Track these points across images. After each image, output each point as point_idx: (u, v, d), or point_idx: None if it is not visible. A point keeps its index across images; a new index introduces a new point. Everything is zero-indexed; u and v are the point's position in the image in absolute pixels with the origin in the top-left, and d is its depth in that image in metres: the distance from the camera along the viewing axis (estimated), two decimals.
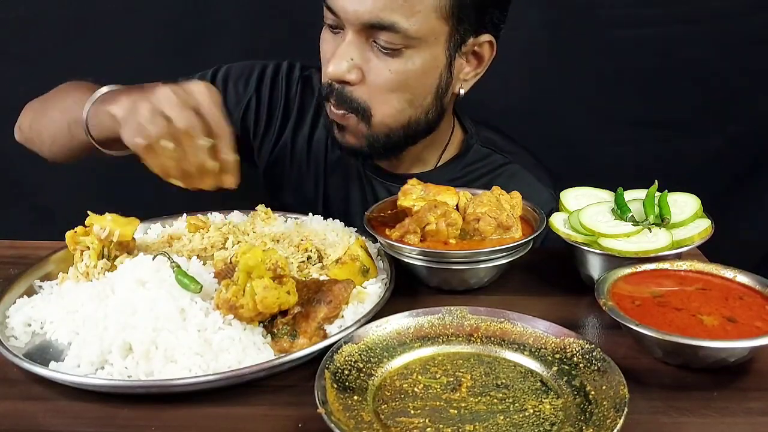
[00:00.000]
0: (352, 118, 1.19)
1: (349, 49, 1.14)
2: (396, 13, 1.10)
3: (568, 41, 1.85)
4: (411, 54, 1.15)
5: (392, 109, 1.19)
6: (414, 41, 1.13)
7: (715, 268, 0.93)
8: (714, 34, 1.83)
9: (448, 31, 1.16)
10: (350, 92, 1.17)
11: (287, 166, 1.42)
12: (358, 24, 1.12)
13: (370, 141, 1.22)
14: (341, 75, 1.15)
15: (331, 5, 1.14)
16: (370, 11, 1.10)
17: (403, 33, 1.11)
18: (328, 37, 1.20)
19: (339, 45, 1.15)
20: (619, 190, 1.05)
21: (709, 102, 1.90)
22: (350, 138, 1.23)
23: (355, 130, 1.21)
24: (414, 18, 1.11)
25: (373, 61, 1.15)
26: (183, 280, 0.89)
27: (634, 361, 0.84)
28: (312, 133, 1.41)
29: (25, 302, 0.95)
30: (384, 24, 1.10)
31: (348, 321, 0.89)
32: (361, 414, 0.73)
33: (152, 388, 0.78)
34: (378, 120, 1.19)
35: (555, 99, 1.89)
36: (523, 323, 0.86)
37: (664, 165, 1.92)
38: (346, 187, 1.40)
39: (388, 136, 1.22)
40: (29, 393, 0.81)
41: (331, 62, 1.15)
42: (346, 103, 1.18)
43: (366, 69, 1.16)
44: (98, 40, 1.82)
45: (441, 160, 1.37)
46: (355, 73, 1.15)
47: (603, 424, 0.69)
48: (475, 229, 1.03)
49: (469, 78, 1.26)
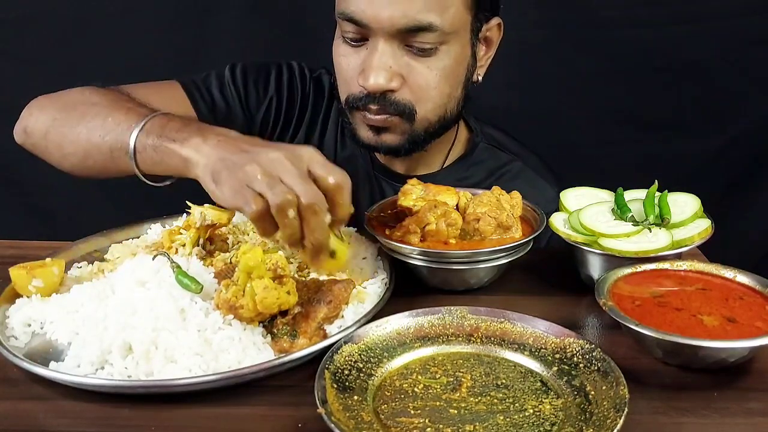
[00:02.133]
0: (396, 119, 1.19)
1: (384, 58, 1.12)
2: (432, 12, 1.09)
3: (568, 41, 1.85)
4: (446, 50, 1.15)
5: (435, 105, 1.20)
6: (448, 36, 1.13)
7: (715, 268, 0.93)
8: (714, 34, 1.83)
9: (471, 20, 1.17)
10: (394, 98, 1.16)
11: None
12: (392, 30, 1.10)
13: (412, 138, 1.22)
14: (384, 86, 1.13)
15: (356, 17, 1.11)
16: (405, 15, 1.09)
17: (440, 31, 1.11)
18: (348, 51, 1.18)
19: (370, 56, 1.13)
20: (619, 190, 1.05)
21: (709, 102, 1.90)
22: (390, 138, 1.22)
23: (397, 130, 1.21)
24: (447, 14, 1.11)
25: (412, 64, 1.15)
26: (183, 280, 0.89)
27: (634, 361, 0.84)
28: (323, 134, 1.41)
29: (25, 302, 0.95)
30: (422, 25, 1.10)
31: (348, 321, 0.89)
32: (361, 414, 0.73)
33: (152, 388, 0.78)
34: (421, 116, 1.19)
35: (555, 99, 1.89)
36: (523, 323, 0.87)
37: (664, 165, 1.93)
38: (355, 187, 1.40)
39: (427, 131, 1.22)
40: (29, 393, 0.81)
41: (370, 75, 1.13)
42: (390, 107, 1.17)
43: (406, 73, 1.15)
44: (98, 40, 1.82)
45: (448, 159, 1.37)
46: (396, 81, 1.14)
47: (603, 424, 0.69)
48: (475, 229, 1.03)
49: (484, 62, 1.27)
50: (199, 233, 1.03)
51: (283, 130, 1.40)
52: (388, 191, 1.35)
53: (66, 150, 1.10)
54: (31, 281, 0.95)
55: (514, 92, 1.85)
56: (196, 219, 1.02)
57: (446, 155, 1.36)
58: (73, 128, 1.08)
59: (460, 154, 1.37)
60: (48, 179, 1.96)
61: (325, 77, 1.41)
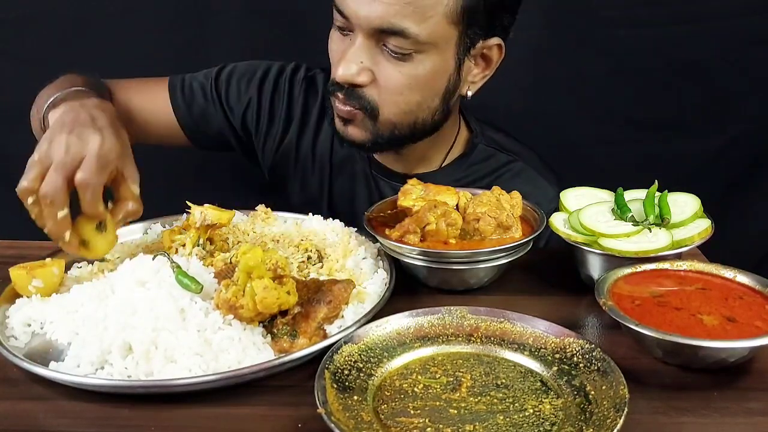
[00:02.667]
0: (359, 114, 1.20)
1: (358, 53, 1.14)
2: (407, 19, 1.10)
3: (568, 41, 1.85)
4: (421, 58, 1.15)
5: (400, 110, 1.20)
6: (424, 46, 1.13)
7: (715, 268, 0.93)
8: (714, 34, 1.83)
9: (458, 35, 1.16)
10: (360, 92, 1.18)
11: (292, 166, 1.43)
12: (368, 28, 1.12)
13: (374, 137, 1.22)
14: (351, 78, 1.15)
15: (342, 9, 1.14)
16: (381, 17, 1.10)
17: (413, 38, 1.11)
18: (337, 38, 1.20)
19: (348, 48, 1.15)
20: (619, 190, 1.05)
21: (709, 102, 1.90)
22: (354, 132, 1.23)
23: (360, 125, 1.22)
24: (425, 24, 1.11)
25: (383, 64, 1.16)
26: (183, 280, 0.89)
27: (634, 361, 0.84)
28: (317, 134, 1.41)
29: (25, 302, 0.95)
30: (395, 29, 1.10)
31: (348, 321, 0.89)
32: (361, 414, 0.73)
33: (152, 388, 0.78)
34: (385, 118, 1.20)
35: (555, 99, 1.89)
36: (523, 323, 0.87)
37: (664, 165, 1.92)
38: (352, 187, 1.41)
39: (392, 133, 1.23)
40: (29, 393, 0.81)
41: (340, 65, 1.15)
42: (355, 100, 1.18)
43: (376, 71, 1.16)
44: (98, 40, 1.82)
45: (447, 159, 1.37)
46: (365, 76, 1.16)
47: (603, 424, 0.69)
48: (475, 229, 1.03)
49: (477, 80, 1.27)
50: (199, 233, 1.04)
51: (269, 130, 1.42)
52: (386, 191, 1.36)
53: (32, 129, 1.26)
54: (31, 281, 0.95)
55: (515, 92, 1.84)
56: (196, 219, 1.02)
57: (445, 155, 1.36)
58: (33, 108, 1.25)
59: (459, 154, 1.38)
60: None
61: (320, 77, 1.42)
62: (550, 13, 1.85)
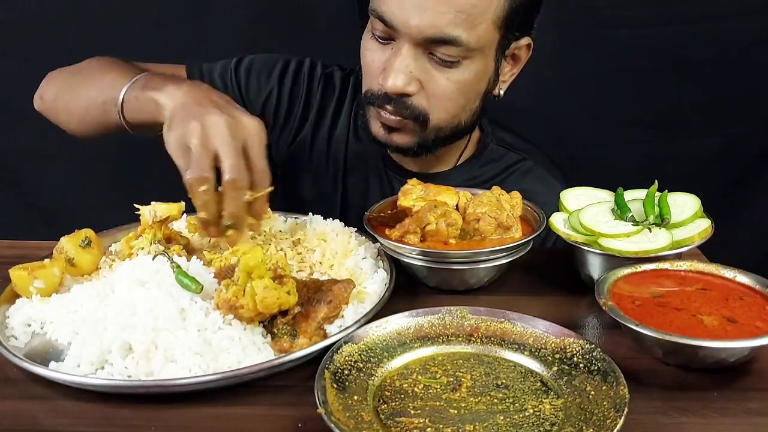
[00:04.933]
0: (409, 122, 1.21)
1: (406, 62, 1.14)
2: (459, 27, 1.10)
3: (568, 41, 1.85)
4: (467, 64, 1.16)
5: (449, 115, 1.21)
6: (472, 52, 1.14)
7: (715, 268, 0.93)
8: (714, 34, 1.83)
9: (499, 38, 1.18)
10: (410, 102, 1.18)
11: (305, 161, 1.43)
12: (419, 38, 1.12)
13: (422, 142, 1.24)
14: (401, 89, 1.15)
15: (388, 19, 1.12)
16: (433, 26, 1.10)
17: (465, 46, 1.12)
18: (374, 47, 1.20)
19: (393, 58, 1.15)
20: (619, 190, 1.05)
21: (709, 102, 1.90)
22: (400, 138, 1.24)
23: (409, 132, 1.23)
24: (474, 31, 1.12)
25: (432, 72, 1.16)
26: (183, 280, 0.89)
27: (634, 361, 0.84)
28: (332, 130, 1.41)
29: (25, 302, 0.95)
30: (447, 38, 1.11)
31: (348, 321, 0.89)
32: (361, 414, 0.73)
33: (152, 388, 0.78)
34: (433, 124, 1.21)
35: (555, 99, 1.89)
36: (523, 323, 0.87)
37: (664, 165, 1.92)
38: (366, 184, 1.41)
39: (437, 136, 1.24)
40: (29, 393, 0.81)
41: (389, 76, 1.15)
42: (405, 110, 1.19)
43: (424, 79, 1.16)
44: (98, 40, 1.82)
45: (461, 158, 1.38)
46: (414, 85, 1.16)
47: (603, 424, 0.69)
48: (475, 229, 1.03)
49: (507, 78, 1.29)
50: (154, 230, 1.03)
51: (285, 123, 1.42)
52: (397, 187, 1.36)
53: (71, 109, 1.25)
54: (33, 282, 0.95)
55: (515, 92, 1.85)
56: (147, 218, 1.02)
57: (459, 155, 1.38)
58: (77, 89, 1.24)
59: (471, 153, 1.39)
60: (48, 179, 1.96)
61: (338, 73, 1.43)
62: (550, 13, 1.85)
